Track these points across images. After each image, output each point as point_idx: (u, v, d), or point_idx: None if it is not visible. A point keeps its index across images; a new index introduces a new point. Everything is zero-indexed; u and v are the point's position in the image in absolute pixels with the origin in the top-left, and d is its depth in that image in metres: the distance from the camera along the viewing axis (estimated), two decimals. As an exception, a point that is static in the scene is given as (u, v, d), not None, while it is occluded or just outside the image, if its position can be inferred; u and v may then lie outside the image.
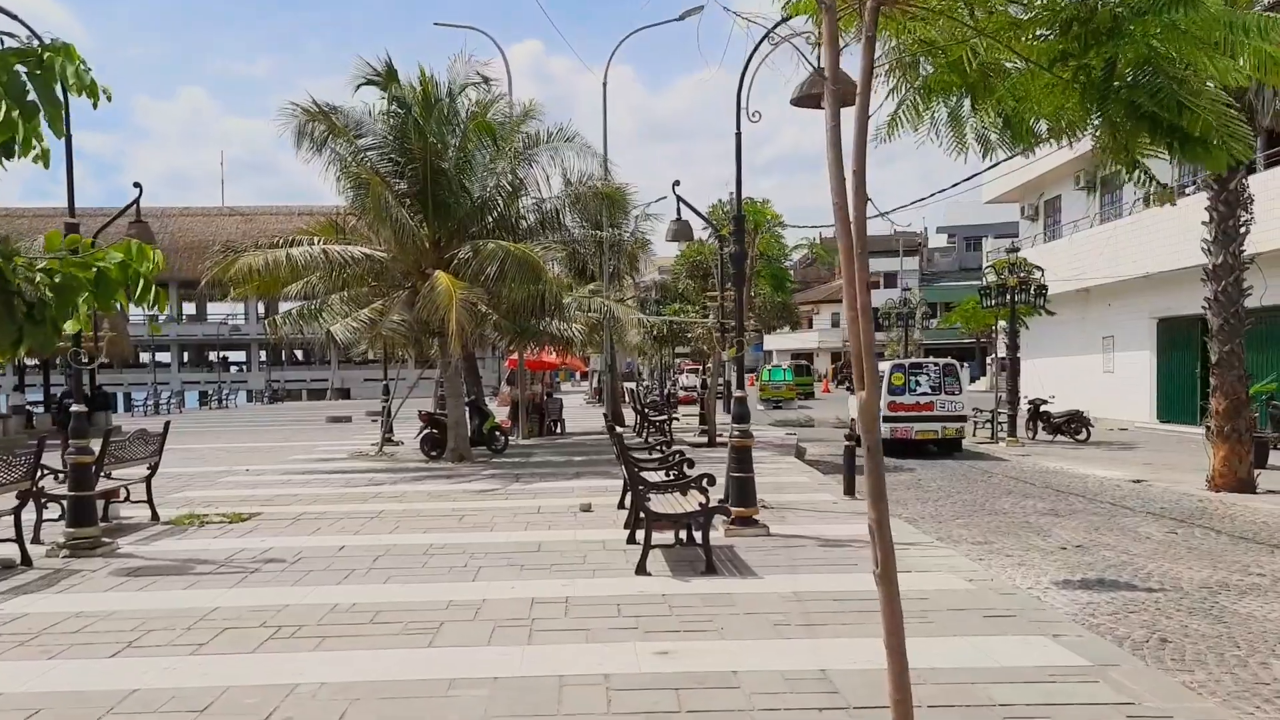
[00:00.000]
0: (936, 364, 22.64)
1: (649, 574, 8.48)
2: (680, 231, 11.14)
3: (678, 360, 53.84)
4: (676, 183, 11.12)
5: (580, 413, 36.10)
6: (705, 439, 21.28)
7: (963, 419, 22.27)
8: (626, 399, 31.60)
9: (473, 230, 18.27)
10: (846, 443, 13.06)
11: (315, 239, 17.42)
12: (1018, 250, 24.36)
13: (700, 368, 58.00)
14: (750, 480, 10.44)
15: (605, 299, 21.00)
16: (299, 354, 65.77)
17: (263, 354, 64.38)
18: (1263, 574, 9.46)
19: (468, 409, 19.73)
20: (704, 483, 8.68)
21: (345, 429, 29.99)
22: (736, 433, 10.46)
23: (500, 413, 27.31)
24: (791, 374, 47.39)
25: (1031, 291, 23.49)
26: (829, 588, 7.98)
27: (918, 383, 21.97)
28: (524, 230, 19.34)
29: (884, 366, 22.27)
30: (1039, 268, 23.89)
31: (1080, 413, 24.36)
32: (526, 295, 17.75)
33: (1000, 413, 25.22)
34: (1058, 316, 28.19)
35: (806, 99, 8.39)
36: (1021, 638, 6.56)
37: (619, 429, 13.48)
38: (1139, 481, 16.56)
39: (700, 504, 8.50)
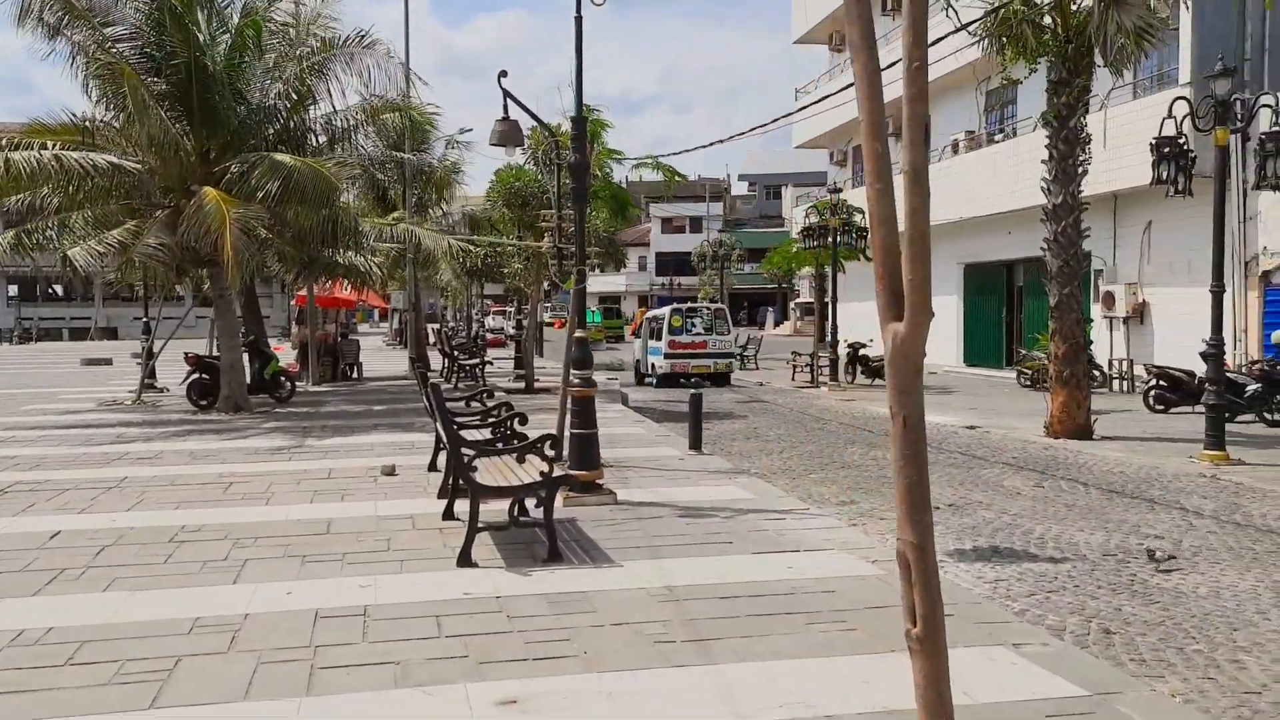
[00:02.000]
0: (709, 307, 25.01)
1: (475, 565, 6.40)
2: (508, 134, 8.90)
3: (486, 301, 51.10)
4: (503, 73, 8.86)
5: (380, 356, 33.05)
6: (523, 384, 19.19)
7: (731, 356, 24.72)
8: (432, 341, 28.96)
9: (251, 143, 15.19)
10: (692, 392, 11.33)
11: (50, 143, 13.85)
12: (840, 190, 23.44)
13: (507, 309, 55.57)
14: (594, 438, 8.48)
15: (410, 225, 18.34)
16: (57, 289, 58.12)
17: (11, 288, 56.37)
18: (1159, 535, 8.43)
19: (246, 351, 16.75)
20: (546, 446, 6.63)
21: (104, 373, 25.74)
22: (577, 380, 8.46)
23: (288, 357, 24.16)
24: (600, 316, 46.05)
25: (854, 234, 22.61)
26: (707, 578, 6.15)
27: (693, 324, 24.11)
28: (313, 148, 16.40)
29: (663, 311, 24.25)
30: (860, 210, 23.01)
31: (898, 357, 23.87)
32: (317, 220, 14.95)
33: (820, 356, 24.49)
34: (866, 263, 27.76)
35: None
36: (980, 651, 4.94)
37: (421, 367, 11.32)
38: (974, 428, 15.84)
39: (542, 473, 6.46)
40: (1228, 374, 17.04)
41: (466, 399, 9.83)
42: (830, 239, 22.58)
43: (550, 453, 6.58)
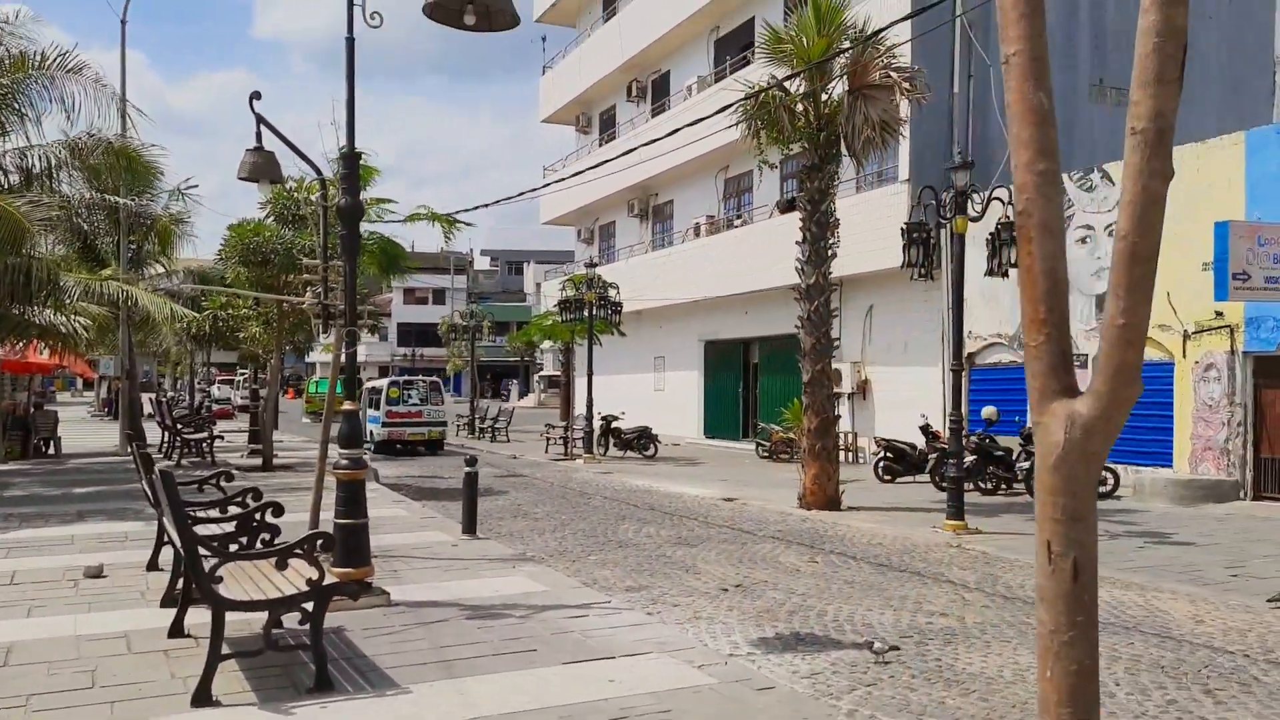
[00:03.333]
0: (424, 380, 26.61)
1: (218, 703, 4.83)
2: (261, 166, 7.33)
3: (211, 368, 46.29)
4: (256, 95, 7.31)
5: (85, 429, 28.65)
6: (259, 461, 16.87)
7: (443, 424, 25.50)
8: (148, 412, 25.40)
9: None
10: (466, 469, 10.03)
11: None
12: (595, 266, 23.06)
13: (235, 378, 50.70)
14: (365, 529, 7.03)
15: (124, 285, 15.71)
16: None
17: None
18: (942, 612, 8.14)
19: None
20: (317, 547, 5.20)
21: None
22: (345, 462, 7.00)
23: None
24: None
25: (608, 308, 22.23)
26: (520, 702, 4.97)
27: (409, 395, 25.18)
28: (2, 188, 13.64)
29: (381, 383, 25.90)
30: (614, 285, 22.77)
31: (648, 429, 23.62)
32: (2, 271, 12.32)
33: (571, 429, 23.75)
34: (612, 337, 27.64)
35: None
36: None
37: (145, 443, 9.12)
38: (731, 500, 15.54)
39: (310, 581, 5.02)
40: (943, 447, 18.09)
41: (200, 483, 8.01)
42: (587, 312, 22.03)
43: (322, 555, 5.16)
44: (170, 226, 18.63)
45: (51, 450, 19.07)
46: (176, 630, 6.02)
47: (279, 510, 6.31)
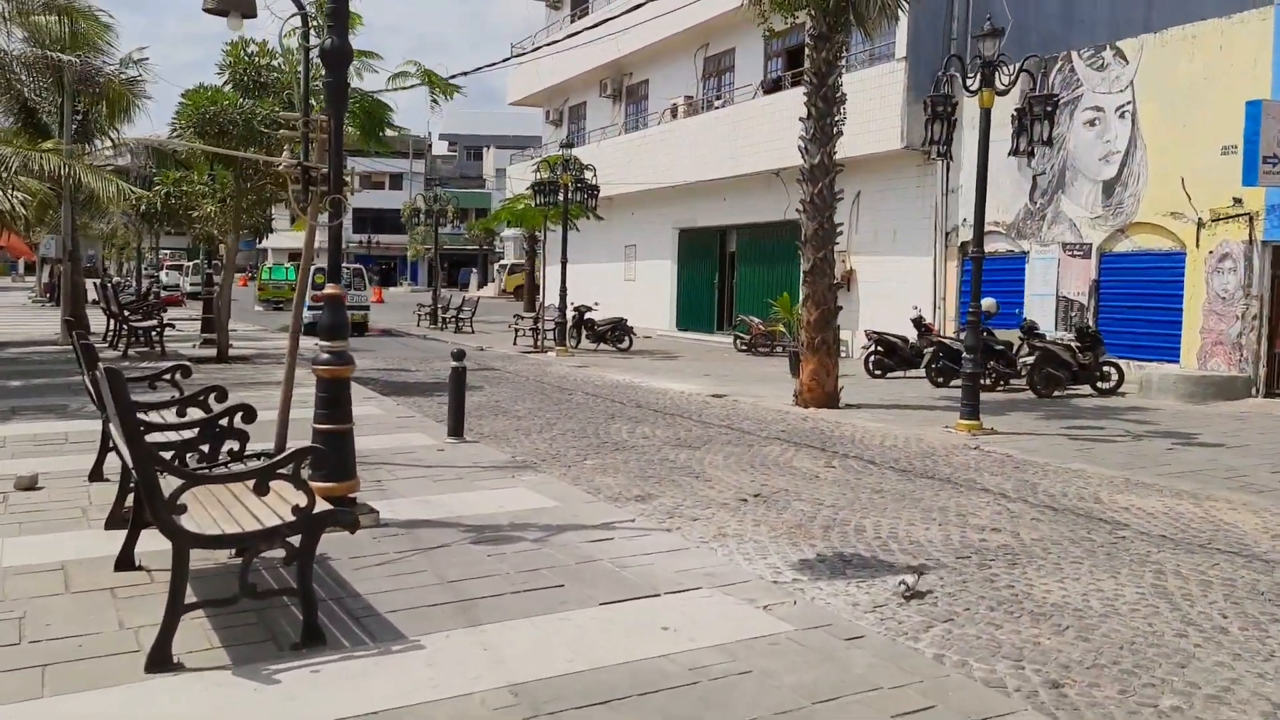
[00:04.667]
0: (349, 267, 26.74)
1: (180, 666, 3.76)
2: None
3: (162, 253, 43.90)
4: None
5: (25, 315, 26.78)
6: (214, 352, 15.47)
7: (365, 308, 26.69)
8: (93, 299, 23.62)
9: None
10: (454, 364, 8.85)
11: None
12: (572, 146, 21.45)
13: (184, 264, 48.22)
14: (350, 436, 5.88)
15: (69, 160, 13.93)
16: None
17: None
18: (993, 527, 7.28)
19: None
20: (304, 465, 4.06)
21: None
22: (326, 356, 5.78)
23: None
24: (294, 273, 41.28)
25: (585, 191, 20.75)
26: (565, 663, 3.94)
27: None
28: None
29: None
30: (591, 167, 21.23)
31: (623, 320, 22.51)
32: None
33: (542, 320, 22.54)
34: (582, 224, 26.18)
35: None
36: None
37: (86, 332, 7.63)
38: (721, 397, 14.61)
39: (297, 508, 3.90)
40: (944, 341, 17.26)
41: (152, 379, 6.75)
42: (562, 196, 20.54)
43: (309, 474, 4.03)
44: (123, 91, 16.53)
45: (-16, 338, 17.47)
46: (125, 561, 4.89)
47: (250, 414, 5.13)
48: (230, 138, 13.01)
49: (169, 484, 3.87)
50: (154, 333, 16.20)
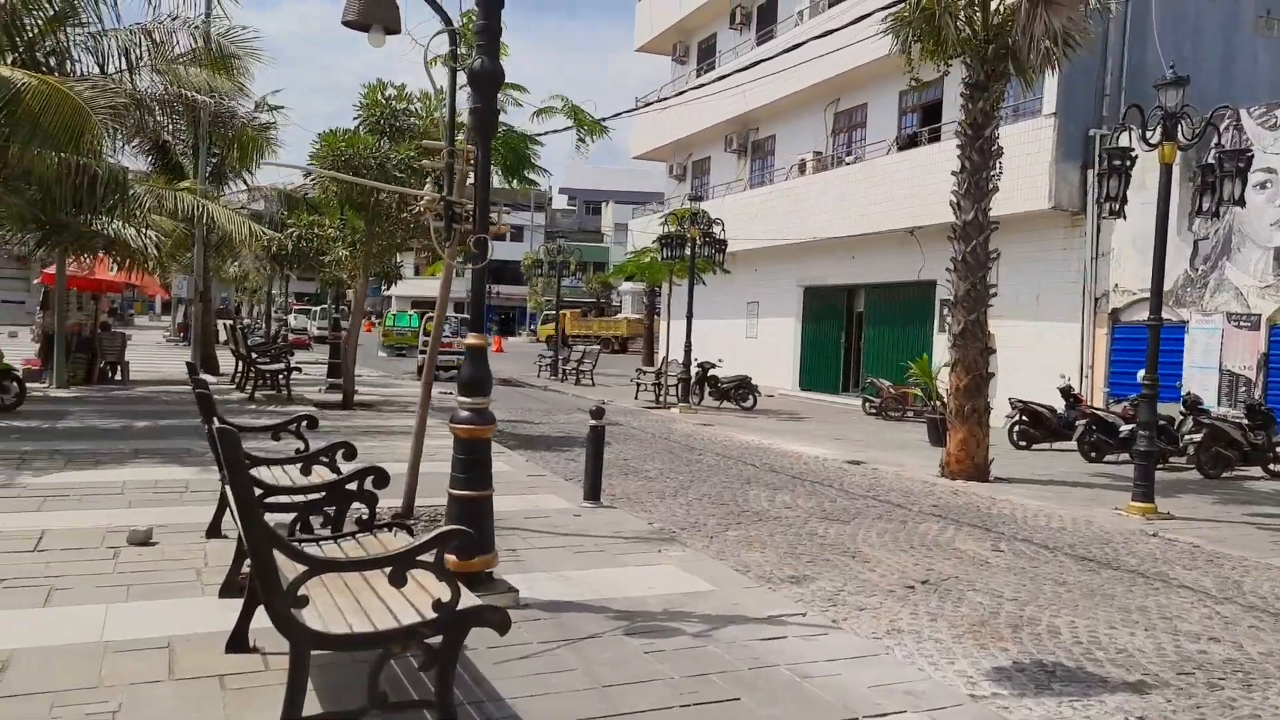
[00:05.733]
0: (455, 316, 30.39)
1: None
2: (373, 6, 5.32)
3: (290, 297, 45.29)
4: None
5: (156, 355, 27.56)
6: (339, 398, 15.24)
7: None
8: (223, 340, 24.10)
9: (-25, 60, 10.68)
10: (593, 423, 8.14)
11: None
12: (700, 200, 20.89)
13: (311, 308, 49.66)
14: (489, 505, 5.17)
15: (202, 198, 14.07)
16: None
17: None
18: (1210, 635, 6.09)
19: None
20: (445, 550, 3.32)
21: None
22: (466, 413, 5.11)
23: (24, 351, 18.91)
24: (417, 320, 41.98)
25: (713, 246, 20.08)
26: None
27: (443, 329, 27.51)
28: (73, 79, 11.93)
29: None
30: (719, 220, 20.58)
31: (748, 379, 21.59)
32: (64, 168, 10.68)
33: (665, 375, 21.82)
34: (704, 279, 25.43)
35: None
36: None
37: (205, 380, 7.12)
38: (858, 464, 13.52)
39: (439, 603, 3.17)
40: (1097, 413, 15.78)
41: (275, 430, 6.21)
42: (689, 249, 19.92)
43: (473, 569, 3.30)
44: (256, 135, 16.78)
45: (118, 376, 17.72)
46: (239, 641, 4.24)
47: (382, 479, 4.46)
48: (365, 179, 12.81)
49: (291, 571, 3.18)
50: (280, 376, 16.12)
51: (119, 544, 6.00)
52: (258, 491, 4.43)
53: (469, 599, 3.31)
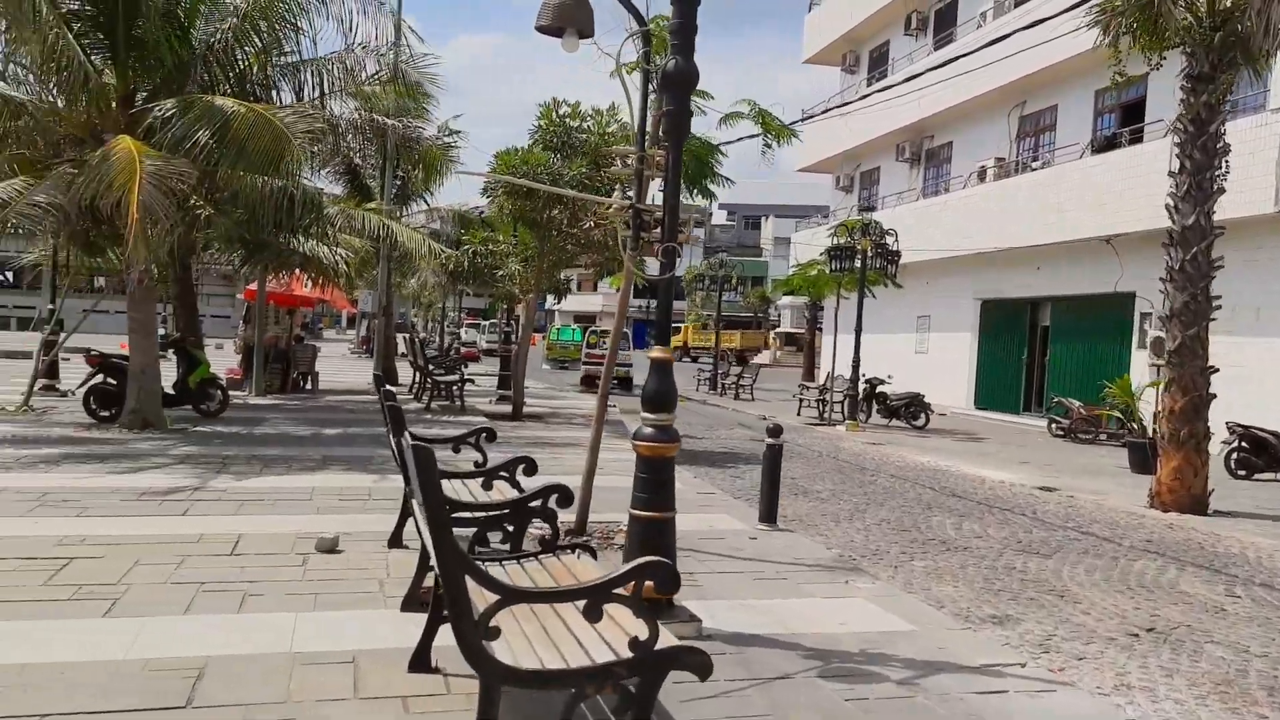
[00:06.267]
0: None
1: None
2: (568, 9, 5.19)
3: (462, 312, 47.07)
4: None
5: (342, 366, 29.06)
6: (509, 409, 15.51)
7: (628, 366, 27.96)
8: (401, 352, 25.13)
9: (190, 90, 11.43)
10: (769, 440, 7.77)
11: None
12: (872, 209, 20.13)
13: (481, 322, 51.46)
14: (671, 525, 4.90)
15: (386, 218, 14.63)
16: (8, 275, 52.96)
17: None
18: None
19: (174, 352, 12.95)
20: (644, 584, 3.04)
21: (13, 369, 21.25)
22: (650, 430, 4.86)
23: (227, 360, 20.24)
24: (580, 334, 42.74)
25: (885, 258, 19.27)
26: None
27: (604, 343, 28.18)
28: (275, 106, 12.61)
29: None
30: (893, 231, 19.74)
31: (919, 396, 20.57)
32: (267, 190, 11.28)
33: (831, 391, 21.08)
34: (872, 292, 24.40)
35: None
36: None
37: (394, 392, 7.17)
38: (1049, 490, 12.49)
39: (636, 642, 2.89)
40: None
41: (456, 442, 6.17)
42: (859, 261, 19.19)
43: (655, 596, 3.02)
44: (439, 155, 17.41)
45: (309, 386, 18.73)
46: (421, 660, 4.12)
47: (566, 497, 4.25)
48: (538, 197, 12.97)
49: (482, 599, 2.97)
50: (455, 387, 16.54)
51: (308, 550, 6.09)
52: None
53: (667, 638, 3.01)
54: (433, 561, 3.25)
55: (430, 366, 17.11)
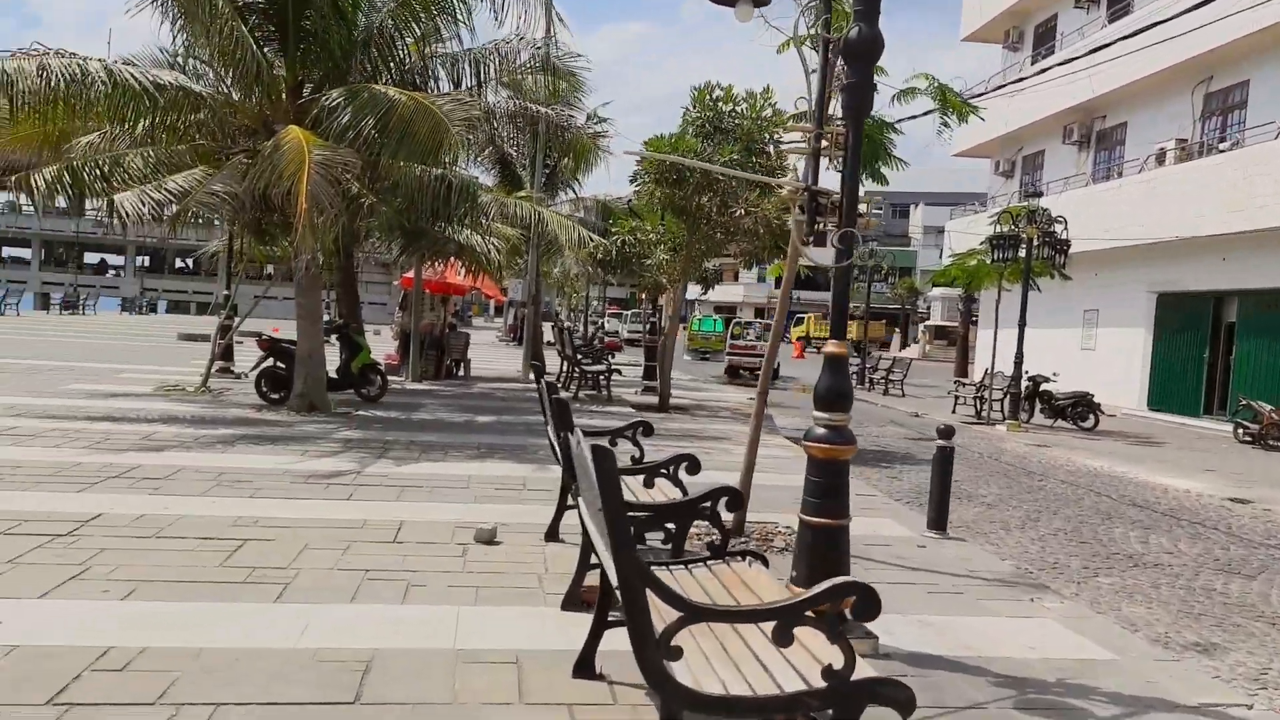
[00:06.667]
0: (755, 322, 32.52)
1: None
2: None
3: (604, 301, 47.58)
4: None
5: (490, 353, 29.71)
6: (655, 400, 15.39)
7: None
8: (548, 340, 25.45)
9: (353, 80, 11.75)
10: (940, 443, 7.28)
11: (97, 58, 10.54)
12: (1040, 195, 18.92)
13: (623, 312, 51.77)
14: (846, 534, 4.58)
15: (537, 205, 14.73)
16: (188, 262, 56.94)
17: (142, 259, 55.22)
18: None
19: (338, 338, 13.41)
20: (836, 608, 2.75)
21: (194, 350, 22.60)
22: (822, 430, 4.54)
23: (386, 346, 20.91)
24: (721, 325, 42.36)
25: (1053, 247, 18.07)
26: None
27: (747, 334, 29.68)
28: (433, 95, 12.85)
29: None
30: (1061, 218, 18.50)
31: (1088, 395, 19.26)
32: (425, 179, 11.48)
33: (990, 389, 19.99)
34: (1063, 281, 22.88)
35: None
36: None
37: (556, 384, 6.97)
38: (1242, 502, 11.37)
39: (831, 671, 2.61)
40: None
41: (612, 435, 6.00)
42: (1024, 251, 18.08)
43: (853, 621, 2.73)
44: (589, 143, 17.48)
45: (461, 372, 19.17)
46: (585, 666, 3.95)
47: (736, 500, 3.98)
48: (688, 184, 12.73)
49: (665, 616, 2.75)
50: (601, 377, 16.55)
51: (466, 540, 6.06)
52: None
53: (864, 669, 2.71)
54: (606, 569, 3.05)
55: (577, 356, 17.17)
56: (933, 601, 5.56)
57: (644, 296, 22.17)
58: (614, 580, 2.96)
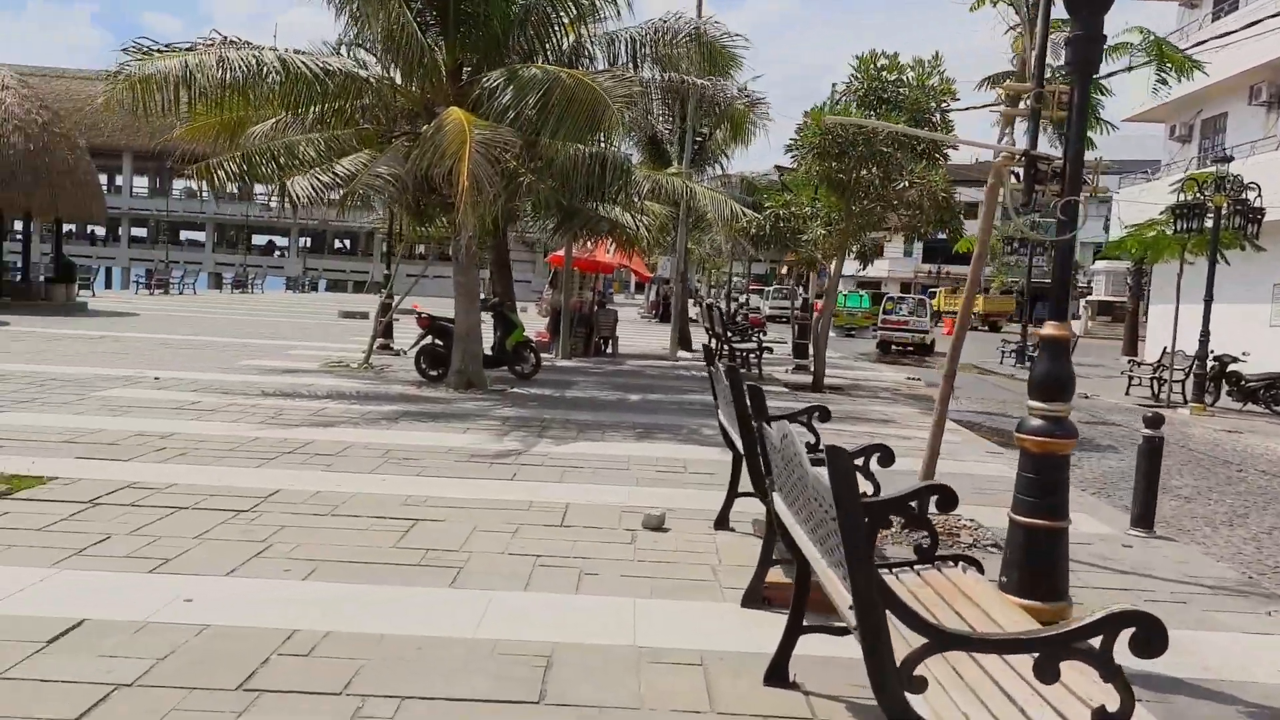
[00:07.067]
0: (913, 298, 32.33)
1: None
2: None
3: (749, 278, 46.97)
4: None
5: (634, 330, 29.64)
6: (809, 379, 14.86)
7: (925, 332, 29.50)
8: (691, 317, 25.18)
9: (510, 61, 11.69)
10: (1148, 432, 6.58)
11: (269, 47, 10.81)
12: (1229, 159, 17.22)
13: (764, 289, 50.98)
14: (1064, 538, 4.08)
15: (687, 181, 14.39)
16: (347, 243, 59.51)
17: (305, 240, 58.01)
18: None
19: (493, 316, 13.50)
20: (1111, 641, 2.33)
21: (356, 328, 23.45)
22: (1038, 421, 4.05)
23: (537, 324, 21.08)
24: (869, 301, 41.12)
25: (1246, 216, 16.43)
26: None
27: (900, 309, 29.93)
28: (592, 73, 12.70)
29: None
30: (1254, 185, 16.80)
31: (1286, 378, 17.52)
32: (581, 157, 11.34)
33: (1171, 369, 18.45)
34: (1256, 251, 20.76)
35: None
36: None
37: (710, 360, 6.70)
38: None
39: (1104, 712, 2.20)
40: None
41: (788, 420, 5.63)
42: (1213, 221, 16.51)
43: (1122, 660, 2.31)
44: (746, 113, 16.99)
45: (609, 350, 19.12)
46: (777, 672, 3.64)
47: (950, 500, 3.56)
48: (848, 158, 12.12)
49: (908, 642, 2.39)
50: (751, 355, 16.13)
51: (634, 526, 5.83)
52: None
53: (1142, 715, 2.28)
54: (822, 577, 2.71)
55: (727, 333, 16.78)
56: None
57: (785, 272, 21.59)
58: (835, 593, 2.62)
